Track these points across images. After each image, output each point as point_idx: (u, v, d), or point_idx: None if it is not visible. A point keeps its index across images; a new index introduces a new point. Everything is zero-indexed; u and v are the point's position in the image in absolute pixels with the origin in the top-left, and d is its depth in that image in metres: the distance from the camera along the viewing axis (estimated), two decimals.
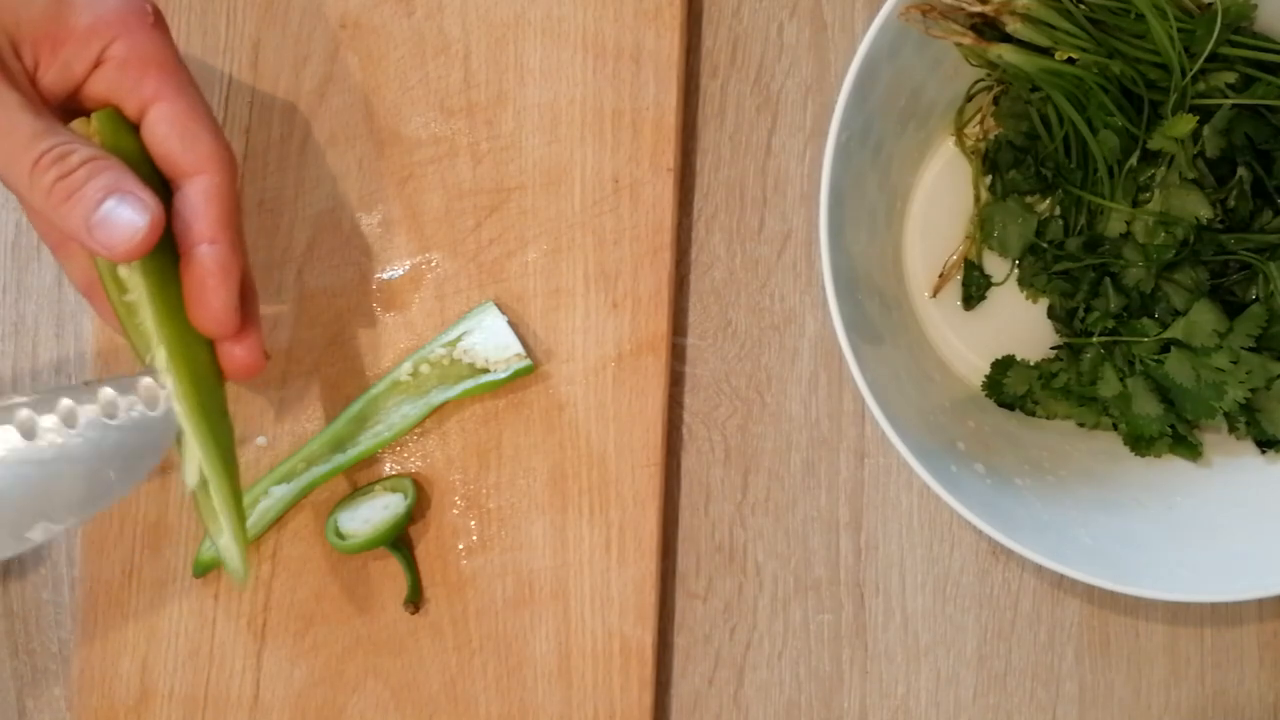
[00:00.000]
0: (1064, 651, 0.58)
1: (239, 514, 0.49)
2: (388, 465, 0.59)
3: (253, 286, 0.50)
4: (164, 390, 0.47)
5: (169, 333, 0.46)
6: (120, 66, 0.45)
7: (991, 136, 0.57)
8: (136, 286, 0.45)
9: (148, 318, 0.45)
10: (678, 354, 0.60)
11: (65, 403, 0.46)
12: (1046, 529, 0.51)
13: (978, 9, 0.50)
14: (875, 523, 0.58)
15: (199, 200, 0.45)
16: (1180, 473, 0.55)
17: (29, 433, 0.45)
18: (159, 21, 0.46)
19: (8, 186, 0.44)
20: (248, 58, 0.60)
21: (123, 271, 0.45)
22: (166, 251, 0.46)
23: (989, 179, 0.58)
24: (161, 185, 0.46)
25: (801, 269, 0.60)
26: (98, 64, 0.45)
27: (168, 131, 0.45)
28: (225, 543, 0.49)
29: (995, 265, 0.59)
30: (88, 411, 0.46)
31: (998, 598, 0.58)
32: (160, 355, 0.46)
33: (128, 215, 0.43)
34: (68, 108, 0.46)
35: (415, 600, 0.58)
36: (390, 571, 0.58)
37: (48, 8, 0.44)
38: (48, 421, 0.46)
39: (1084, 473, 0.55)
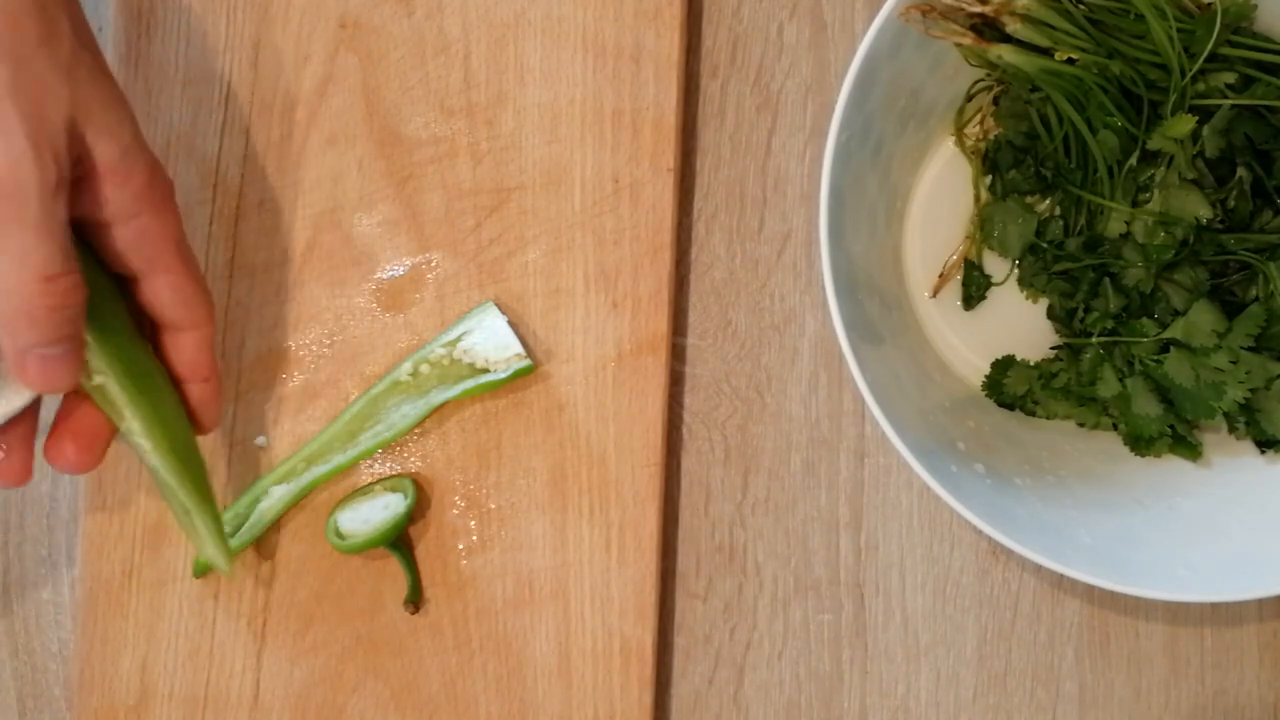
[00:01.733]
0: (1064, 651, 0.58)
1: (219, 529, 0.54)
2: (388, 465, 0.59)
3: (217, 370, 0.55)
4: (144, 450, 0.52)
5: (140, 404, 0.50)
6: (142, 234, 0.49)
7: (991, 136, 0.58)
8: (102, 370, 0.50)
9: (117, 395, 0.50)
10: (678, 354, 0.60)
11: None
12: (1046, 529, 0.51)
13: (978, 9, 0.50)
14: (875, 523, 0.59)
15: (195, 349, 0.52)
16: (1180, 473, 0.55)
17: None
18: (173, 197, 0.51)
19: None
20: (248, 58, 0.60)
21: (89, 358, 0.49)
22: (122, 329, 0.51)
23: (989, 179, 0.58)
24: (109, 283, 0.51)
25: (801, 269, 0.60)
26: (120, 222, 0.49)
27: (172, 299, 0.51)
28: (212, 553, 0.55)
29: (995, 265, 0.59)
30: None
31: (998, 598, 0.58)
32: (135, 425, 0.51)
33: (66, 367, 0.47)
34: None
35: (415, 600, 0.58)
36: (390, 571, 0.58)
37: (120, 148, 0.48)
38: None
39: (1084, 473, 0.55)
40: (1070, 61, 0.52)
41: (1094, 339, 0.56)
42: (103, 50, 0.50)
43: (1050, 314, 0.58)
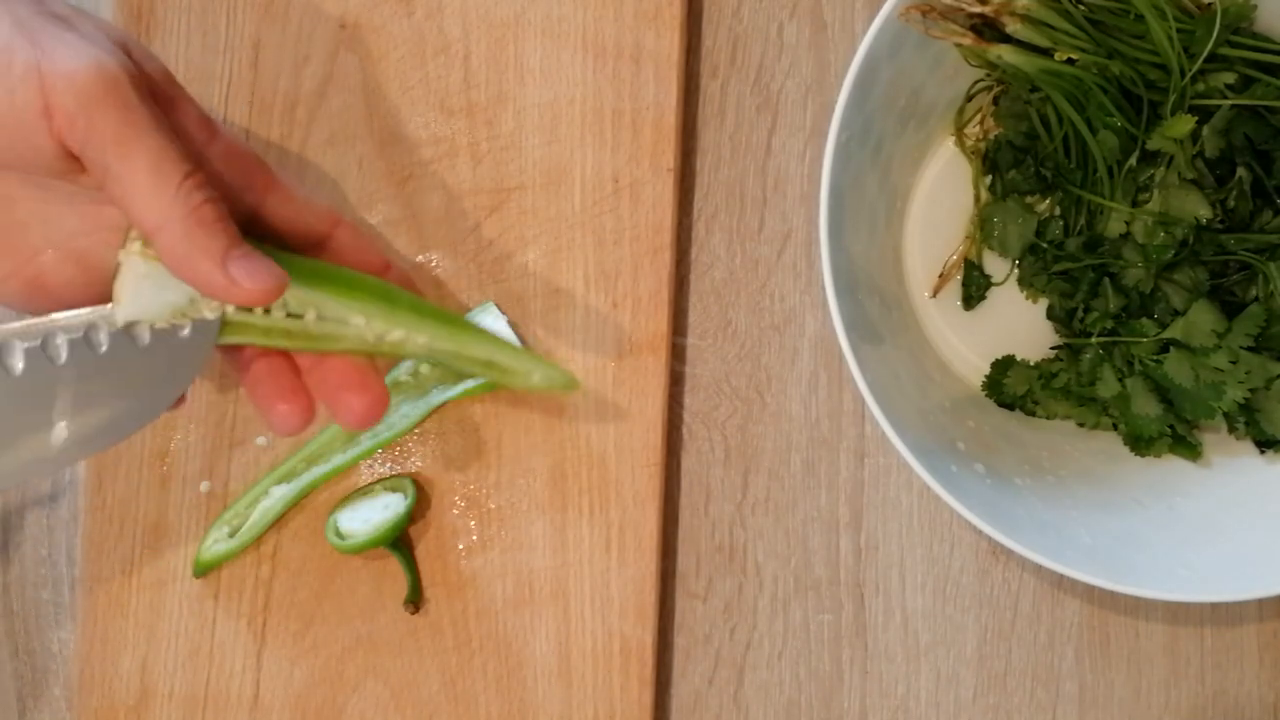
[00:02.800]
0: (1064, 651, 0.58)
1: (535, 355, 0.52)
2: (388, 465, 0.59)
3: None
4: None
5: (364, 303, 0.48)
6: (229, 154, 0.47)
7: (991, 136, 0.58)
8: (302, 300, 0.47)
9: (335, 311, 0.47)
10: (678, 354, 0.60)
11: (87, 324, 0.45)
12: (1046, 529, 0.51)
13: (977, 9, 0.50)
14: (875, 523, 0.59)
15: (355, 248, 0.50)
16: (1180, 473, 0.55)
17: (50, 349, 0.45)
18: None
19: (124, 201, 0.43)
20: (248, 58, 0.60)
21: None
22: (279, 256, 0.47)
23: (989, 179, 0.58)
24: None
25: (801, 269, 0.60)
26: (205, 147, 0.47)
27: (295, 210, 0.48)
28: (548, 375, 0.52)
29: (995, 265, 0.59)
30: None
31: (998, 598, 0.58)
32: (372, 326, 0.48)
33: (265, 262, 0.44)
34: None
35: (415, 600, 0.58)
36: (390, 571, 0.58)
37: (161, 69, 0.46)
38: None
39: (1084, 473, 0.55)
40: (1070, 61, 0.52)
41: (1094, 339, 0.56)
42: None
43: (1050, 314, 0.58)
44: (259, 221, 0.48)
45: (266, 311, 0.46)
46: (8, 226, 0.45)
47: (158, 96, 0.44)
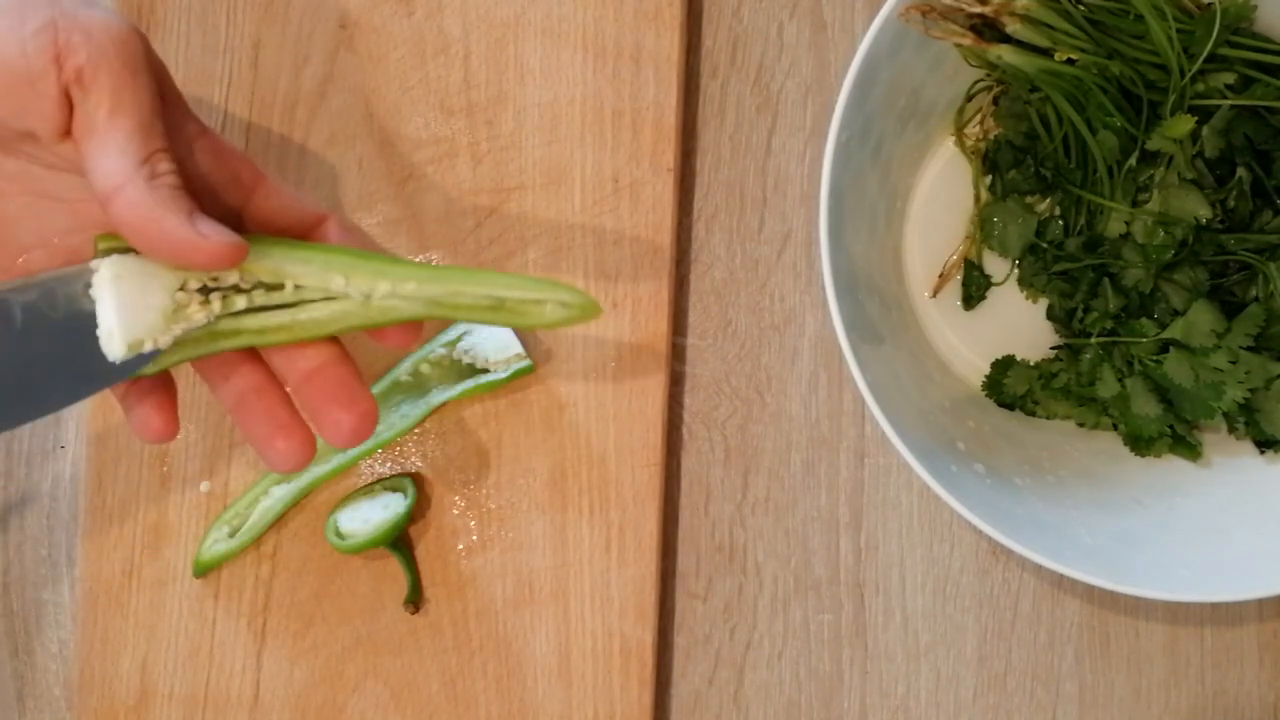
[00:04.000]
0: (1064, 651, 0.58)
1: (538, 281, 0.46)
2: (388, 465, 0.59)
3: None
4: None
5: (345, 266, 0.45)
6: (214, 151, 0.46)
7: (991, 136, 0.58)
8: (284, 272, 0.45)
9: (318, 277, 0.45)
10: (678, 354, 0.60)
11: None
12: (1046, 529, 0.51)
13: (977, 10, 0.50)
14: (875, 523, 0.59)
15: (340, 233, 0.48)
16: (1180, 473, 0.55)
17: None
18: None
19: (87, 162, 0.42)
20: (248, 58, 0.60)
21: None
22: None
23: (989, 179, 0.58)
24: None
25: (801, 269, 0.60)
26: (194, 142, 0.46)
27: (282, 203, 0.47)
28: (566, 298, 0.45)
29: (995, 265, 0.59)
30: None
31: (998, 598, 0.58)
32: (360, 287, 0.45)
33: (222, 229, 0.43)
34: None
35: (415, 600, 0.58)
36: (390, 571, 0.58)
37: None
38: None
39: (1084, 473, 0.55)
40: (1070, 62, 0.52)
41: (1094, 339, 0.56)
42: None
43: (1050, 314, 0.58)
44: (246, 218, 0.47)
45: (248, 294, 0.44)
46: None
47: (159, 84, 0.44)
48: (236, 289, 0.44)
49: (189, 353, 0.45)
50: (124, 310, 0.42)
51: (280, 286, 0.45)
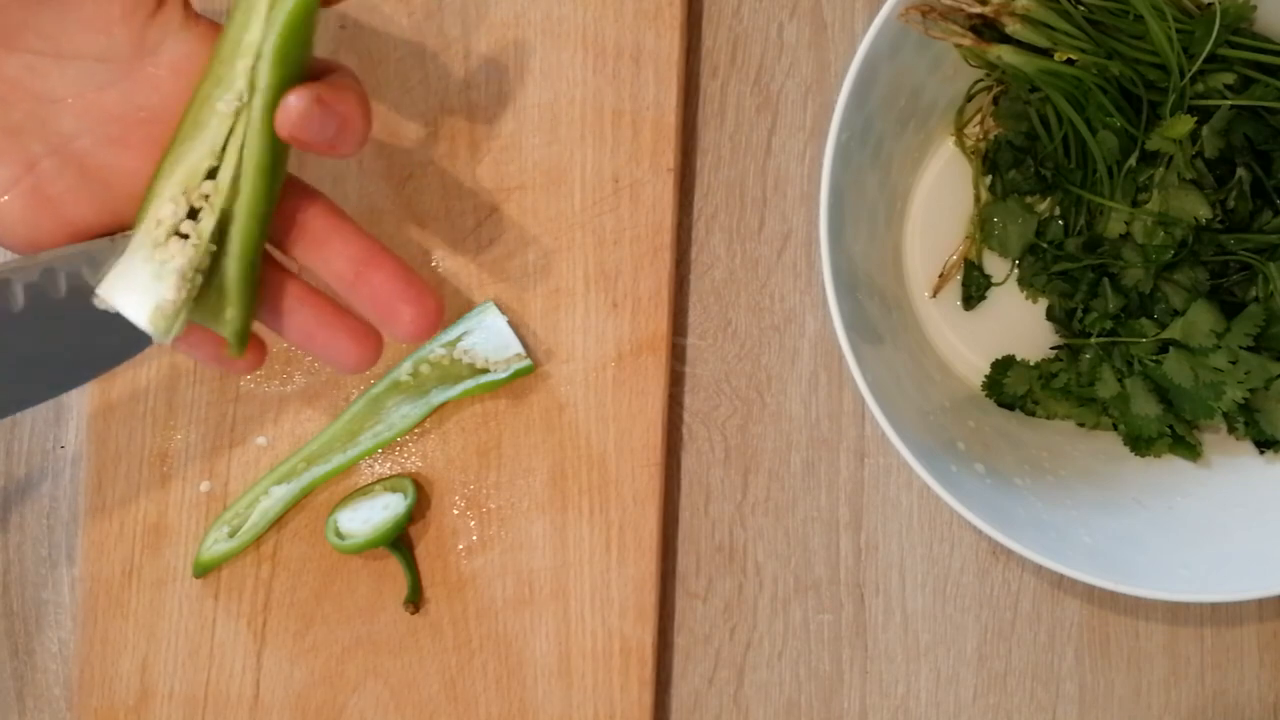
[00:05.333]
0: (1064, 651, 0.58)
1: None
2: (388, 465, 0.59)
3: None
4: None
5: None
6: None
7: (991, 136, 0.58)
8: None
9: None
10: (678, 354, 0.60)
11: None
12: (1046, 529, 0.51)
13: (977, 10, 0.50)
14: (875, 523, 0.59)
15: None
16: (1180, 473, 0.55)
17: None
18: None
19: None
20: None
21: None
22: None
23: (989, 179, 0.58)
24: None
25: (801, 269, 0.60)
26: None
27: None
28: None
29: (995, 265, 0.59)
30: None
31: (998, 598, 0.58)
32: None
33: None
34: None
35: (415, 600, 0.58)
36: (390, 571, 0.58)
37: None
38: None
39: (1084, 473, 0.55)
40: (1070, 62, 0.52)
41: (1093, 339, 0.56)
42: None
43: (1050, 315, 0.58)
44: None
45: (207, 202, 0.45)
46: (3, 131, 0.44)
47: None
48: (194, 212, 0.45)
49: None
50: (134, 294, 0.43)
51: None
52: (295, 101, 0.43)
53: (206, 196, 0.44)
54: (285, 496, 0.58)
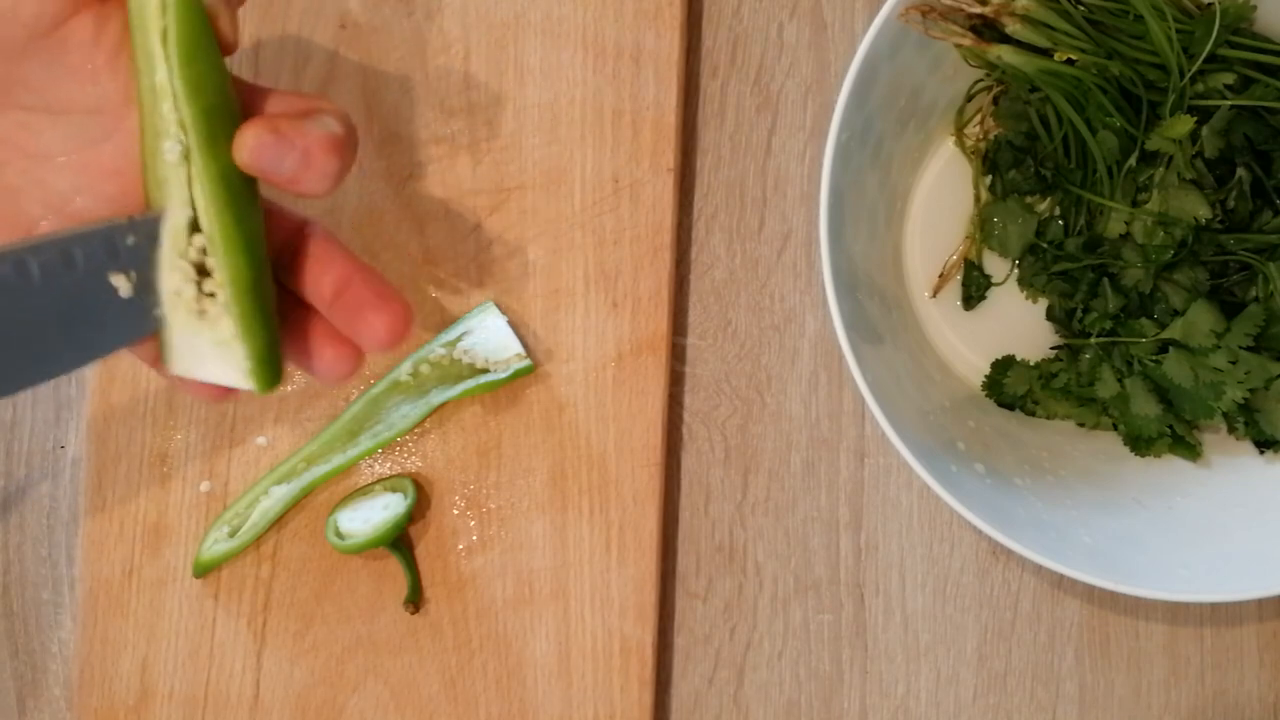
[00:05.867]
0: (1064, 651, 0.58)
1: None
2: (388, 465, 0.59)
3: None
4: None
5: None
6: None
7: (991, 137, 0.58)
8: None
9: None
10: (678, 354, 0.60)
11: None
12: (1046, 529, 0.51)
13: (977, 10, 0.50)
14: (875, 523, 0.59)
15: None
16: (1180, 473, 0.55)
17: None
18: None
19: None
20: (248, 58, 0.60)
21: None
22: None
23: (989, 179, 0.58)
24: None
25: (801, 269, 0.60)
26: None
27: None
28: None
29: (995, 265, 0.59)
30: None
31: (998, 598, 0.58)
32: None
33: None
34: None
35: (415, 600, 0.58)
36: (390, 571, 0.58)
37: None
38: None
39: (1084, 473, 0.55)
40: (1069, 62, 0.52)
41: (1093, 339, 0.56)
42: None
43: (1050, 315, 0.58)
44: None
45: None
46: (1, 192, 0.43)
47: None
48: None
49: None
50: (214, 366, 0.44)
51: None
52: (249, 131, 0.42)
53: (203, 250, 0.43)
54: (285, 496, 0.58)
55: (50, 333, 0.43)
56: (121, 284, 0.43)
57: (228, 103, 0.43)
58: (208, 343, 0.44)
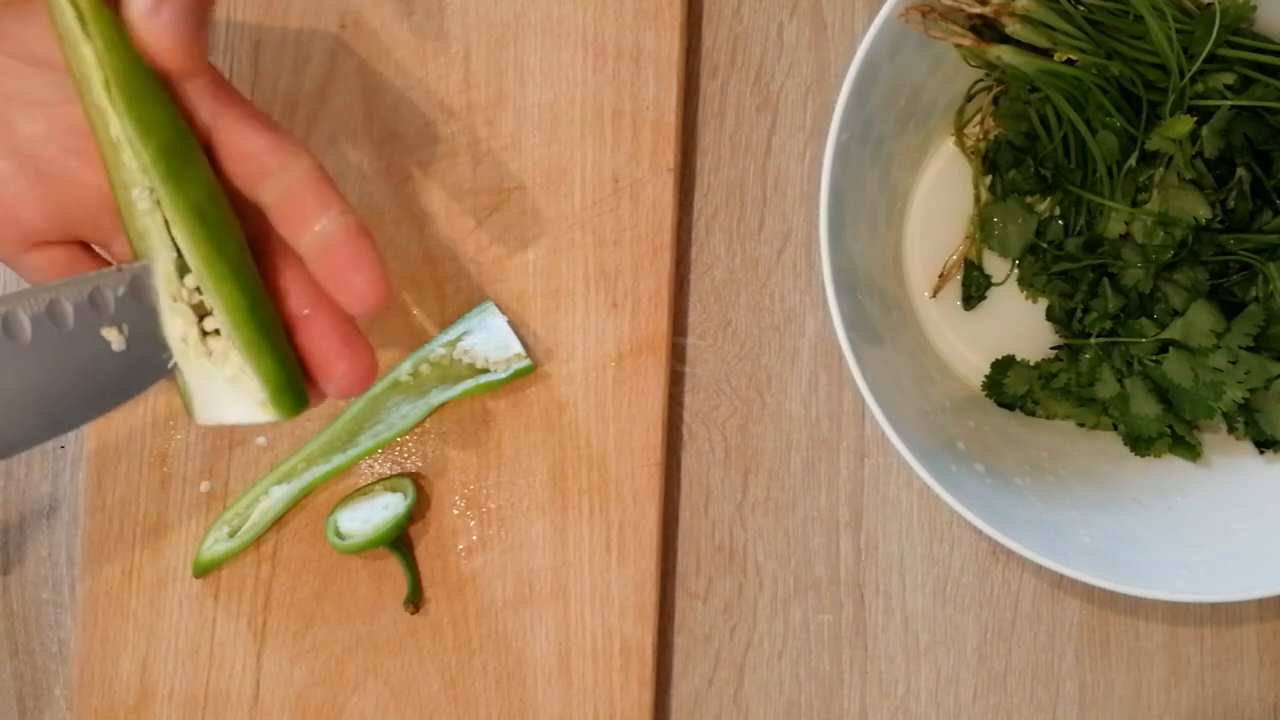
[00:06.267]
0: (1064, 651, 0.58)
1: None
2: (388, 465, 0.59)
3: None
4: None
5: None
6: (202, 89, 0.45)
7: (991, 137, 0.58)
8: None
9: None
10: (678, 354, 0.60)
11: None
12: (1046, 529, 0.51)
13: (977, 10, 0.50)
14: (875, 523, 0.59)
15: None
16: (1180, 473, 0.55)
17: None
18: None
19: None
20: (248, 58, 0.60)
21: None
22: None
23: (989, 179, 0.58)
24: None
25: (801, 269, 0.60)
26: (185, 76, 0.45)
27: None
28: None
29: (995, 265, 0.59)
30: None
31: (998, 598, 0.58)
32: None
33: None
34: None
35: (415, 600, 0.58)
36: (390, 571, 0.58)
37: None
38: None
39: (1084, 473, 0.55)
40: (1069, 62, 0.52)
41: (1093, 339, 0.56)
42: None
43: (1050, 315, 0.58)
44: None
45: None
46: None
47: None
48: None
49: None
50: (233, 407, 0.44)
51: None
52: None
53: (197, 289, 0.44)
54: (285, 496, 0.58)
55: (48, 392, 0.43)
56: (114, 337, 0.44)
57: (183, 137, 0.43)
58: (222, 383, 0.44)
